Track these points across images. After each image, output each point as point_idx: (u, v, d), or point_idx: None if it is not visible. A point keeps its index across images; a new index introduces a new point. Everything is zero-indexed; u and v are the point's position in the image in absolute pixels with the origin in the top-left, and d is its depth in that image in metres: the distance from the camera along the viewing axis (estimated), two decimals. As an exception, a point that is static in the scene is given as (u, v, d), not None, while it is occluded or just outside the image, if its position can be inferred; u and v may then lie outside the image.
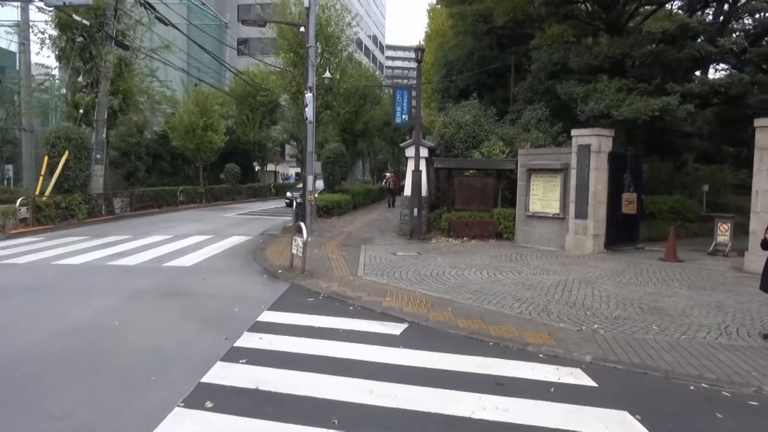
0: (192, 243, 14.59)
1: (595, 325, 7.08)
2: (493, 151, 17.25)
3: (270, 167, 48.92)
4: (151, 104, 27.77)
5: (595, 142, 13.69)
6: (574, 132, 14.16)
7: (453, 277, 10.24)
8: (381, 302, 8.12)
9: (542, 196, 15.11)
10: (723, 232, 14.06)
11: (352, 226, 19.64)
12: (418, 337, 6.57)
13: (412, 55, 19.43)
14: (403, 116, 16.87)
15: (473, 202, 16.63)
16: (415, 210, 16.35)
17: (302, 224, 10.08)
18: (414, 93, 16.89)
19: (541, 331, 6.74)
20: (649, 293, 9.09)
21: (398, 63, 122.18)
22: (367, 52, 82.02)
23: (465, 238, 15.87)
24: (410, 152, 17.11)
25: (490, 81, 27.04)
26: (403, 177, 25.31)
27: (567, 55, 18.12)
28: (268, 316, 7.30)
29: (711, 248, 14.04)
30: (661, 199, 18.82)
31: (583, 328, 6.97)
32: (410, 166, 17.22)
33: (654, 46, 16.09)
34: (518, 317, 7.44)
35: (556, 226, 14.75)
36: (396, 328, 6.84)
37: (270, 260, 11.89)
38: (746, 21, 16.56)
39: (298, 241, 10.14)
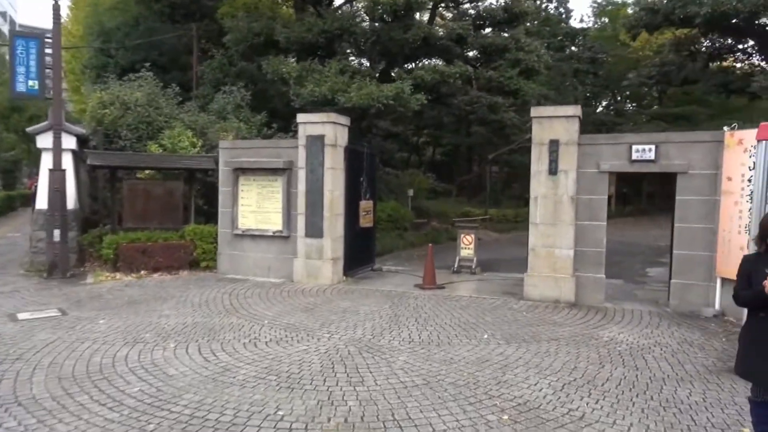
0: None
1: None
2: (180, 144, 12.22)
3: None
4: None
5: (330, 132, 10.05)
6: (301, 118, 10.29)
7: (135, 376, 5.20)
8: None
9: (257, 206, 10.84)
10: (467, 244, 11.99)
11: (-58, 260, 12.08)
12: None
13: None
14: (31, 82, 10.51)
15: (154, 218, 11.35)
16: (56, 232, 10.26)
17: None
18: (50, 48, 10.68)
19: None
20: (476, 363, 5.70)
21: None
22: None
23: (143, 272, 10.52)
24: (46, 141, 10.84)
25: (163, 60, 21.39)
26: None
27: (272, 25, 14.18)
28: None
29: (456, 265, 11.83)
30: (378, 206, 16.48)
31: None
32: (46, 162, 10.97)
33: (377, 24, 13.37)
34: None
35: (278, 248, 10.66)
36: None
37: None
38: (467, 6, 15.17)
39: None
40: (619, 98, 31.20)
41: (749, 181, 7.61)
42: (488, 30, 15.18)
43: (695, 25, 11.28)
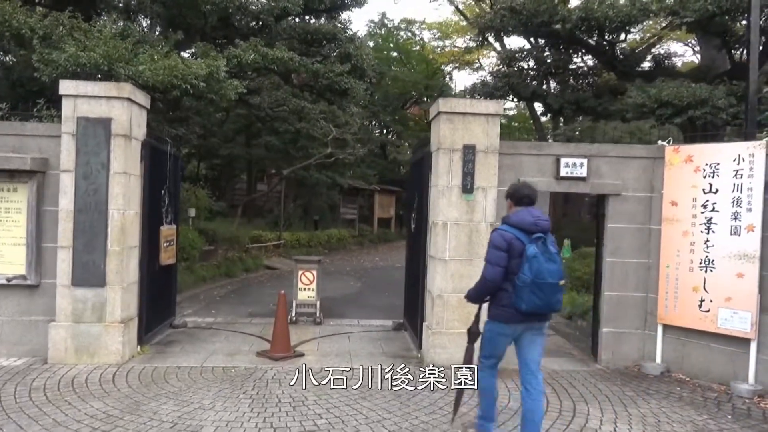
0: None
1: None
2: None
3: None
4: None
5: (122, 114, 6.20)
6: (69, 87, 6.18)
7: None
8: None
9: (-24, 234, 6.32)
10: (306, 284, 9.00)
11: None
12: None
13: None
14: None
15: None
16: None
17: None
18: None
19: None
20: None
21: None
22: None
23: None
24: None
25: None
26: None
27: (0, -45, 9.27)
28: None
29: (293, 312, 8.74)
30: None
31: None
32: None
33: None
34: None
35: (17, 306, 6.31)
36: None
37: None
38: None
39: None
40: (397, 117, 31.05)
41: (704, 206, 6.25)
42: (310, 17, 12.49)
43: (556, 35, 10.29)
